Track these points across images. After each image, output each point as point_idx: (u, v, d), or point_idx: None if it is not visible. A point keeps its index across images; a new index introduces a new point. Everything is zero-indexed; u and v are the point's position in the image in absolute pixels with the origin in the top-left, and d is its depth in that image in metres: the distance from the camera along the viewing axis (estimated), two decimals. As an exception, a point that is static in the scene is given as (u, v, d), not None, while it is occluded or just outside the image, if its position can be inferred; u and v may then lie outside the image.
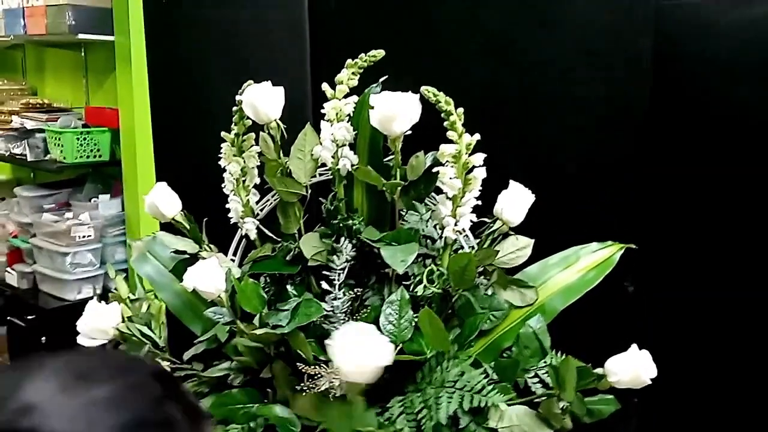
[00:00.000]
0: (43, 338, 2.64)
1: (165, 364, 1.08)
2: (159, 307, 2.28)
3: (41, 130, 2.76)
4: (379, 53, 1.00)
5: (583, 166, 1.10)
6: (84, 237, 2.65)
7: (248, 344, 0.98)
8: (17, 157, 2.82)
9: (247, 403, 1.02)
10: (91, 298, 2.69)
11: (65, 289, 2.67)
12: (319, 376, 0.96)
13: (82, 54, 2.94)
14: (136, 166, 2.65)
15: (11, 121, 2.88)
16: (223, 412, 1.01)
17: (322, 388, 0.96)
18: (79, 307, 2.76)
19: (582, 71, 1.06)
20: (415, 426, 0.93)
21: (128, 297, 2.46)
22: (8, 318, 2.82)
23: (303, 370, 0.96)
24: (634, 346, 0.89)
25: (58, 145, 2.67)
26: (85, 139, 2.68)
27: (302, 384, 0.96)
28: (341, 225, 1.01)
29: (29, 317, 2.70)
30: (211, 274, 0.97)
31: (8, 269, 2.92)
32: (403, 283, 1.01)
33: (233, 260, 1.11)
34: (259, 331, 0.95)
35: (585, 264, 1.02)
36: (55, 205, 2.85)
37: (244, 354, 1.01)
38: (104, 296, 2.50)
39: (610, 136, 1.07)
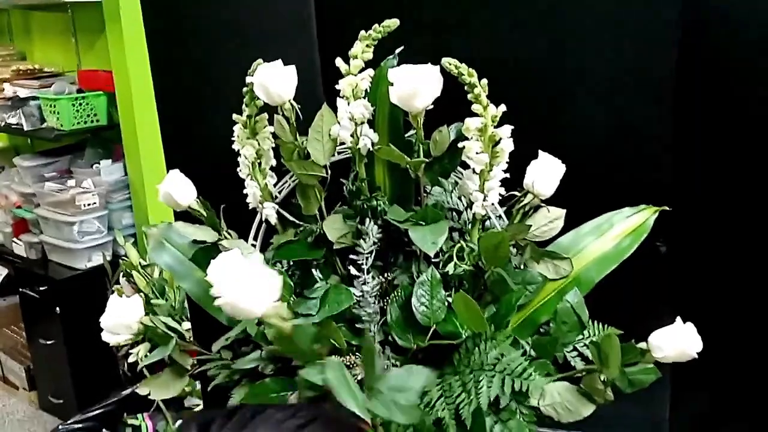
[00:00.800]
0: (57, 308, 2.64)
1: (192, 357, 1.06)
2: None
3: (35, 98, 2.70)
4: (394, 23, 0.95)
5: (609, 130, 1.05)
6: (89, 205, 2.62)
7: (278, 334, 0.95)
8: (13, 126, 2.77)
9: (280, 392, 1.00)
10: (102, 265, 2.65)
11: (75, 258, 2.65)
12: (354, 364, 0.94)
13: (70, 15, 2.84)
14: (135, 129, 2.60)
15: (3, 89, 2.81)
16: (257, 401, 0.99)
17: (359, 378, 0.94)
18: (90, 275, 2.77)
19: (610, 40, 1.01)
20: (455, 409, 0.91)
21: (139, 263, 2.44)
22: (20, 289, 2.82)
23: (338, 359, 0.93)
24: (678, 320, 0.87)
25: (54, 112, 2.61)
26: (81, 104, 2.62)
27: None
28: (365, 206, 0.98)
29: (41, 288, 2.69)
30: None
31: (15, 240, 2.90)
32: (432, 260, 0.98)
33: (254, 245, 1.07)
34: (288, 323, 0.93)
35: (619, 231, 0.99)
36: (56, 173, 2.81)
37: (274, 343, 0.99)
38: (115, 263, 2.50)
39: (639, 102, 1.02)
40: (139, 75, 2.54)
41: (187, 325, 2.10)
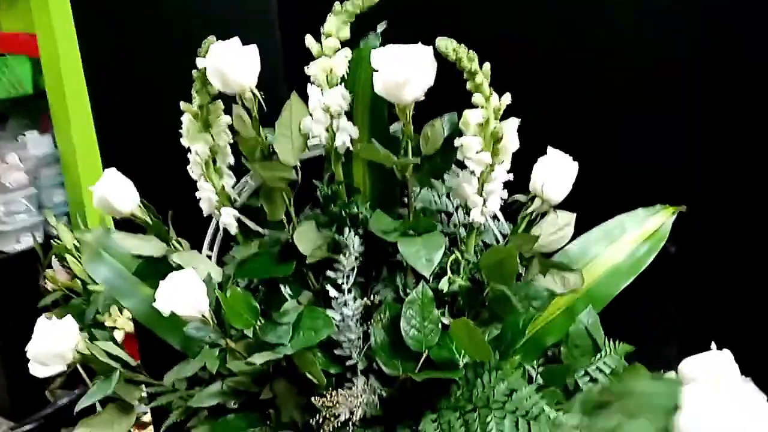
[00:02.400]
0: (-15, 295, 2.42)
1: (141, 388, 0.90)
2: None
3: (-51, 63, 2.44)
4: (374, -7, 0.79)
5: (618, 125, 0.93)
6: (16, 182, 2.39)
7: (245, 369, 0.81)
8: (-75, 95, 2.50)
9: (246, 429, 0.86)
10: (32, 248, 2.44)
11: (2, 240, 2.43)
12: (335, 404, 0.80)
13: (-15, -30, 2.57)
14: (65, 98, 2.37)
15: None
16: (220, 442, 0.85)
17: (343, 418, 0.80)
18: (19, 259, 2.55)
19: (623, 25, 0.88)
20: (454, 450, 0.78)
21: (74, 245, 2.24)
22: (-57, 274, 2.58)
23: (317, 404, 0.79)
24: (713, 346, 0.75)
25: (-29, 80, 2.36)
26: (2, 70, 2.37)
27: (317, 416, 0.80)
28: (343, 213, 0.83)
29: (-34, 273, 2.46)
30: (190, 291, 0.78)
31: (-66, 221, 2.65)
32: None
33: (209, 257, 0.92)
34: (258, 359, 0.78)
35: (633, 236, 0.86)
36: (-23, 146, 2.56)
37: (239, 374, 0.84)
38: (47, 245, 2.29)
39: (651, 97, 0.90)
40: (67, 38, 2.30)
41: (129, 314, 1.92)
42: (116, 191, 0.86)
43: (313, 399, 0.78)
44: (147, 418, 1.48)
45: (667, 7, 0.87)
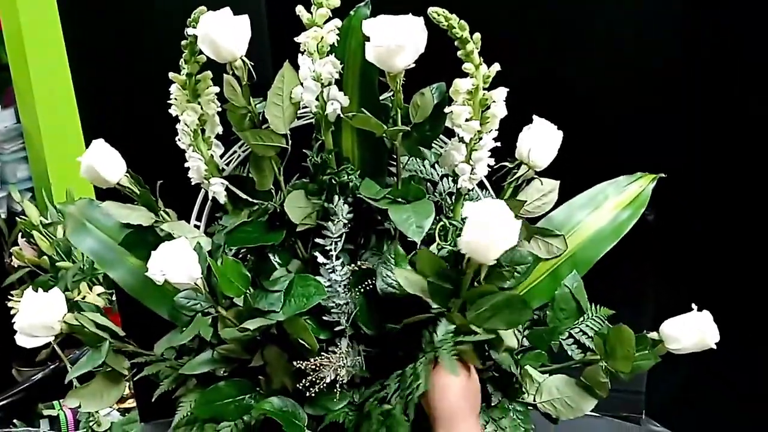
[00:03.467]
0: (-53, 274, 2.37)
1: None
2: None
3: None
4: (365, -38, 0.79)
5: (601, 94, 0.95)
6: (-22, 157, 2.34)
7: (236, 336, 0.82)
8: None
9: (236, 397, 0.87)
10: (-5, 224, 2.37)
11: (-36, 216, 2.38)
12: (320, 367, 0.81)
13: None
14: (27, 70, 2.31)
15: None
16: (210, 411, 0.86)
17: (328, 380, 0.82)
18: (-17, 236, 2.47)
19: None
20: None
21: (40, 221, 2.20)
22: None
23: (304, 366, 0.80)
24: (694, 308, 0.78)
25: (-71, 52, 2.29)
26: (-39, 43, 2.30)
27: (305, 379, 0.81)
28: (333, 181, 0.84)
29: (-74, 251, 2.40)
30: (183, 259, 0.78)
31: None
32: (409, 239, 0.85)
33: (197, 227, 0.92)
34: (252, 324, 0.79)
35: (615, 202, 0.89)
36: (-64, 121, 2.49)
37: (229, 342, 0.85)
38: (11, 221, 2.25)
39: (634, 64, 0.92)
40: (30, 8, 2.25)
41: (99, 289, 1.90)
42: (104, 161, 0.86)
43: (296, 363, 0.79)
44: (126, 392, 1.48)
45: None
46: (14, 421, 1.37)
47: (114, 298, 1.32)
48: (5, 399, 1.42)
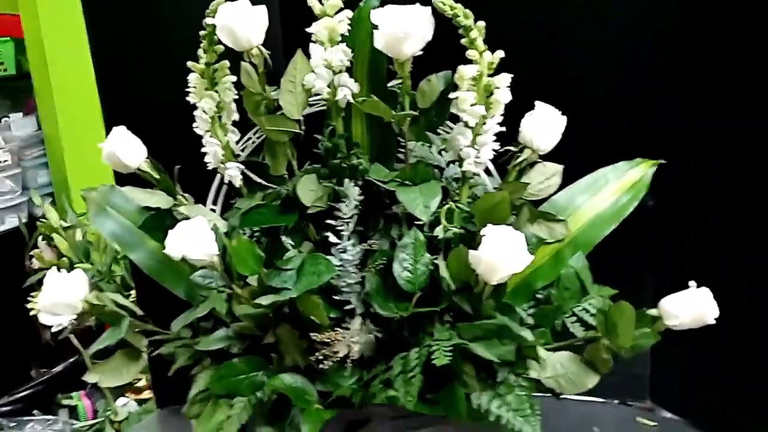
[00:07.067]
0: (-31, 276, 2.42)
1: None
2: (99, 235, 2.09)
3: (-69, 45, 2.43)
4: (373, -45, 0.83)
5: (602, 82, 0.98)
6: (0, 162, 2.40)
7: (249, 312, 0.85)
8: None
9: (250, 373, 0.90)
10: (17, 228, 2.45)
11: (-14, 220, 2.44)
12: (334, 341, 0.84)
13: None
14: (48, 79, 2.38)
15: None
16: (224, 386, 0.89)
17: (341, 354, 0.85)
18: (4, 239, 2.54)
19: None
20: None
21: (60, 225, 2.25)
22: (-75, 256, 2.57)
23: (315, 339, 0.84)
24: (692, 284, 0.81)
25: (-45, 61, 2.36)
26: (-14, 52, 2.37)
27: (317, 353, 0.85)
28: (344, 165, 0.87)
29: (-51, 254, 2.46)
30: (200, 237, 0.82)
31: None
32: (416, 223, 0.89)
33: (213, 210, 0.96)
34: (265, 300, 0.82)
35: (616, 187, 0.92)
36: (-40, 128, 2.56)
37: (243, 320, 0.88)
38: (32, 225, 2.31)
39: (638, 53, 0.95)
40: (50, 18, 2.31)
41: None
42: (125, 147, 0.90)
43: (311, 335, 0.82)
44: (143, 383, 1.51)
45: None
46: (34, 411, 1.41)
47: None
48: (25, 390, 1.46)
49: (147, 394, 1.43)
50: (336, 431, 0.88)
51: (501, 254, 0.76)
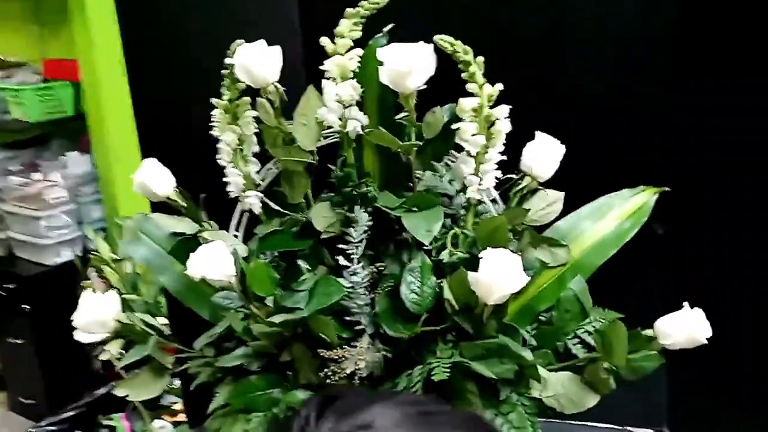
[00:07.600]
0: (27, 306, 2.55)
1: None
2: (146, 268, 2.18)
3: (-1, 89, 2.60)
4: (383, -1, 0.90)
5: (605, 109, 1.02)
6: (57, 198, 2.53)
7: (265, 330, 0.90)
8: (-25, 119, 2.66)
9: (266, 389, 0.95)
10: (71, 261, 2.57)
11: (43, 254, 2.57)
12: (342, 359, 0.89)
13: (33, 2, 2.74)
14: (103, 120, 2.52)
15: (-37, 80, 2.71)
16: (243, 401, 0.94)
17: (348, 372, 0.89)
18: (59, 271, 2.68)
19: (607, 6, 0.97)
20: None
21: (111, 258, 2.36)
22: (-13, 287, 2.72)
23: (326, 356, 0.88)
24: (686, 305, 0.83)
25: (19, 103, 2.51)
26: (46, 95, 2.52)
27: (326, 369, 0.89)
28: (354, 192, 0.93)
29: (9, 286, 2.60)
30: (218, 259, 0.88)
31: (-20, 236, 2.80)
32: (424, 248, 0.94)
33: (236, 236, 1.02)
34: (277, 318, 0.88)
35: (619, 213, 0.95)
36: (22, 166, 2.71)
37: (260, 338, 0.94)
38: (86, 258, 2.42)
39: (638, 79, 0.99)
40: (105, 63, 2.46)
41: (161, 320, 2.03)
42: (155, 177, 0.97)
43: (321, 351, 0.87)
44: (178, 406, 1.58)
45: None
46: (76, 431, 1.48)
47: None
48: (69, 411, 1.54)
49: (182, 417, 1.49)
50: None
51: (497, 275, 0.80)
